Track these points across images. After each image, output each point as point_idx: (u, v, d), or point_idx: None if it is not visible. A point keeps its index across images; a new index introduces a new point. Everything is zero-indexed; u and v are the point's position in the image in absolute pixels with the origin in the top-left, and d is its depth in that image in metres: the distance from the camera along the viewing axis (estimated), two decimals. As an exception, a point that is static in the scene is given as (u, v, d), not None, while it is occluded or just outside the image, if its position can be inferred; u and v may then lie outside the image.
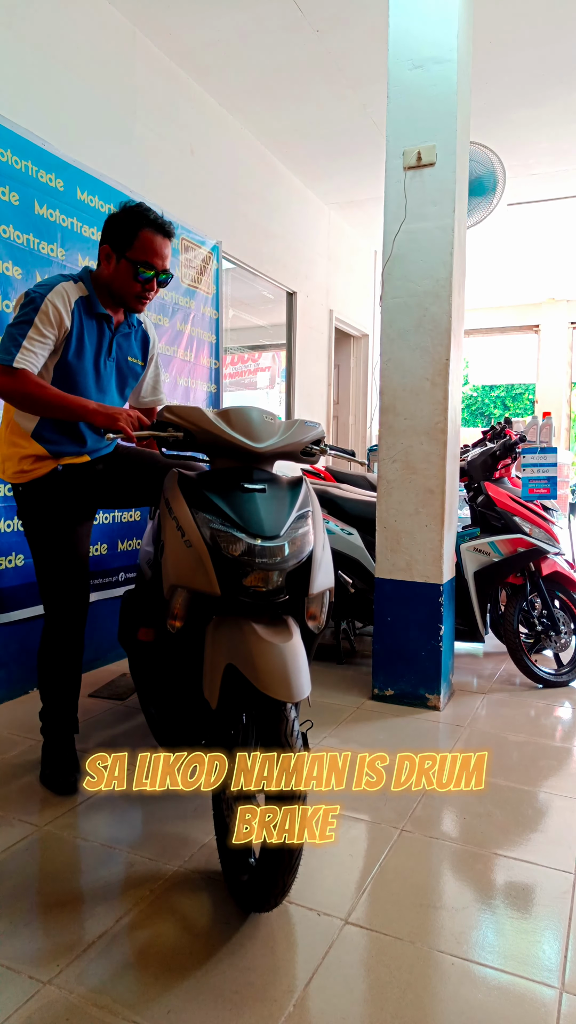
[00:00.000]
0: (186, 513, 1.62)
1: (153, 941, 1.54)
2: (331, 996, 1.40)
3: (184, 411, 1.69)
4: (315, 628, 1.70)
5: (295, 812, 1.43)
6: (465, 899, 1.72)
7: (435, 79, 2.88)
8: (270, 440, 1.68)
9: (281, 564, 1.56)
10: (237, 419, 1.68)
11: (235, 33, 3.73)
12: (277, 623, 1.58)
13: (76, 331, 2.03)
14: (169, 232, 2.06)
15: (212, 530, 1.57)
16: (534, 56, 3.89)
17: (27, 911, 1.63)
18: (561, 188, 5.66)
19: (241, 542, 1.54)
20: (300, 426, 1.76)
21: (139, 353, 2.27)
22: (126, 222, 2.03)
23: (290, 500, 1.68)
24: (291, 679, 1.46)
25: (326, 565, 1.70)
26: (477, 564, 3.41)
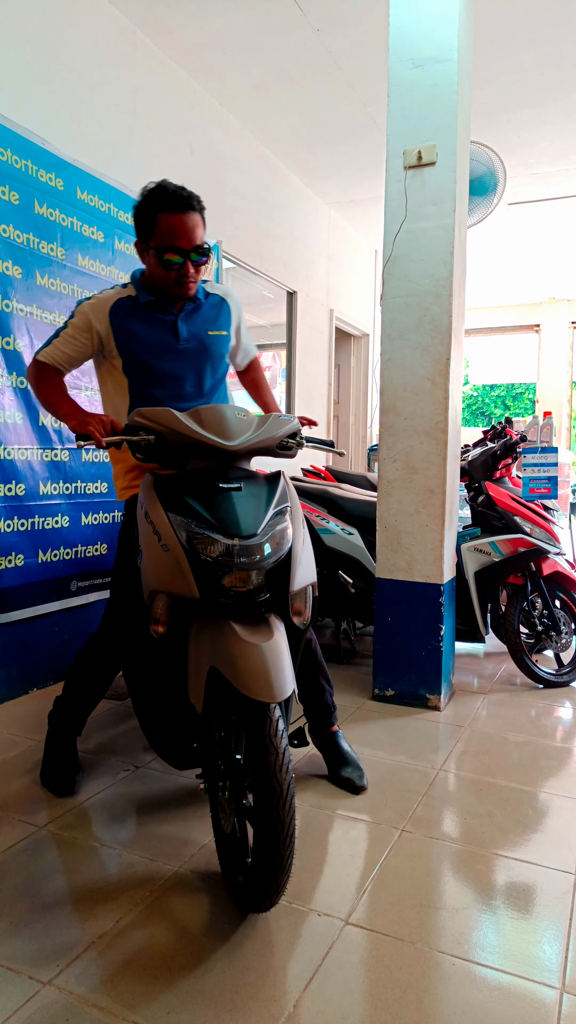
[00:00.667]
0: (162, 517, 1.60)
1: (153, 941, 1.54)
2: (331, 996, 1.40)
3: (154, 413, 1.66)
4: (301, 624, 1.68)
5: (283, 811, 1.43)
6: (465, 899, 1.72)
7: (435, 79, 2.88)
8: (243, 437, 1.66)
9: (260, 563, 1.54)
10: (209, 418, 1.66)
11: (235, 33, 3.73)
12: (259, 622, 1.56)
13: (120, 330, 2.02)
14: (188, 205, 1.89)
15: (188, 532, 1.55)
16: (534, 56, 3.89)
17: (27, 911, 1.63)
18: (561, 188, 5.66)
19: (218, 543, 1.53)
20: (274, 420, 1.73)
21: (223, 323, 2.16)
22: (144, 211, 1.93)
23: (267, 497, 1.66)
24: (272, 679, 1.45)
25: (307, 560, 1.68)
26: (478, 564, 3.41)
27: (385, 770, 2.39)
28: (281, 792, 1.42)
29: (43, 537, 3.16)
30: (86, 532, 3.40)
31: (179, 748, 1.87)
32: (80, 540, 3.36)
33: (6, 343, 2.95)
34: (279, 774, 1.43)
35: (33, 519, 3.10)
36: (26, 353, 3.04)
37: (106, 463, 3.52)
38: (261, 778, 1.42)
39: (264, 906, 1.53)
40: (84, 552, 3.38)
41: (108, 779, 2.28)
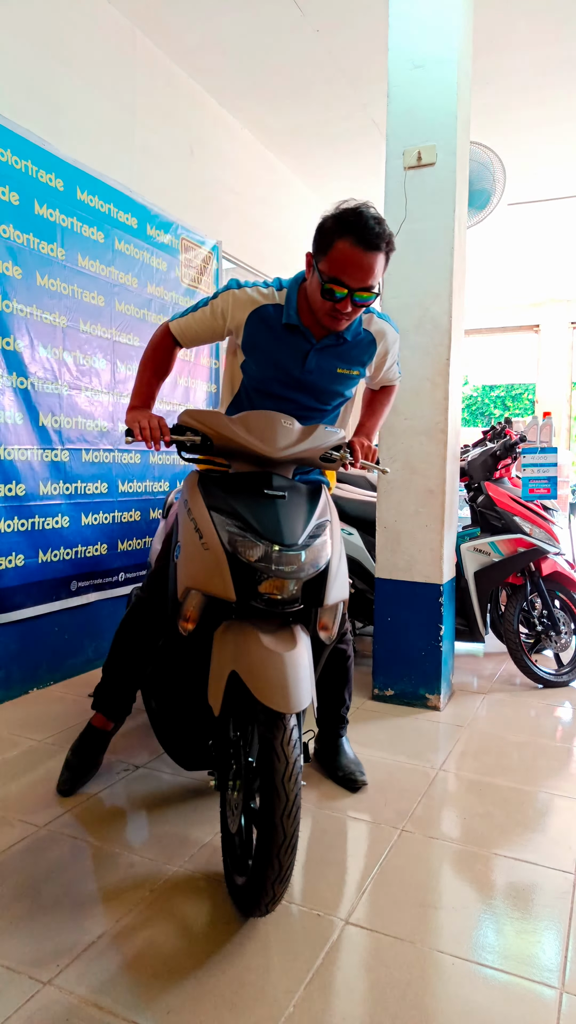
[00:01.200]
0: (205, 515, 1.61)
1: (153, 941, 1.54)
2: (331, 996, 1.40)
3: (202, 415, 1.69)
4: (326, 639, 1.68)
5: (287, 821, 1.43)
6: (465, 899, 1.72)
7: (435, 79, 2.88)
8: (288, 445, 1.67)
9: (297, 573, 1.55)
10: (256, 424, 1.67)
11: (235, 33, 3.73)
12: (284, 631, 1.57)
13: (253, 337, 1.90)
14: (376, 244, 1.68)
15: (230, 533, 1.56)
16: (534, 56, 3.89)
17: (27, 911, 1.63)
18: (561, 188, 5.66)
19: (258, 547, 1.53)
20: (320, 432, 1.73)
21: (356, 363, 1.98)
22: (328, 229, 1.73)
23: (309, 509, 1.67)
24: (290, 690, 1.44)
25: (342, 577, 1.69)
26: (477, 564, 3.41)
27: (385, 770, 2.39)
28: (287, 801, 1.42)
29: (43, 537, 3.16)
30: (86, 532, 3.40)
31: (190, 747, 1.88)
32: (80, 540, 3.36)
33: (6, 343, 2.95)
34: (287, 783, 1.42)
35: (33, 519, 3.10)
36: (26, 354, 3.04)
37: (106, 463, 3.52)
38: (268, 786, 1.42)
39: (259, 911, 1.54)
40: (84, 552, 3.38)
41: (108, 779, 2.28)
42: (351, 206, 1.72)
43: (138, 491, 3.75)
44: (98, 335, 3.44)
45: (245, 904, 1.55)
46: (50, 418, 3.18)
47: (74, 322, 3.29)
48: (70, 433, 3.29)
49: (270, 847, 1.42)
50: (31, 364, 3.07)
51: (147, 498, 3.81)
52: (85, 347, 3.36)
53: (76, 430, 3.33)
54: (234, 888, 1.62)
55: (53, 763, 2.39)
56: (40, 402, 3.12)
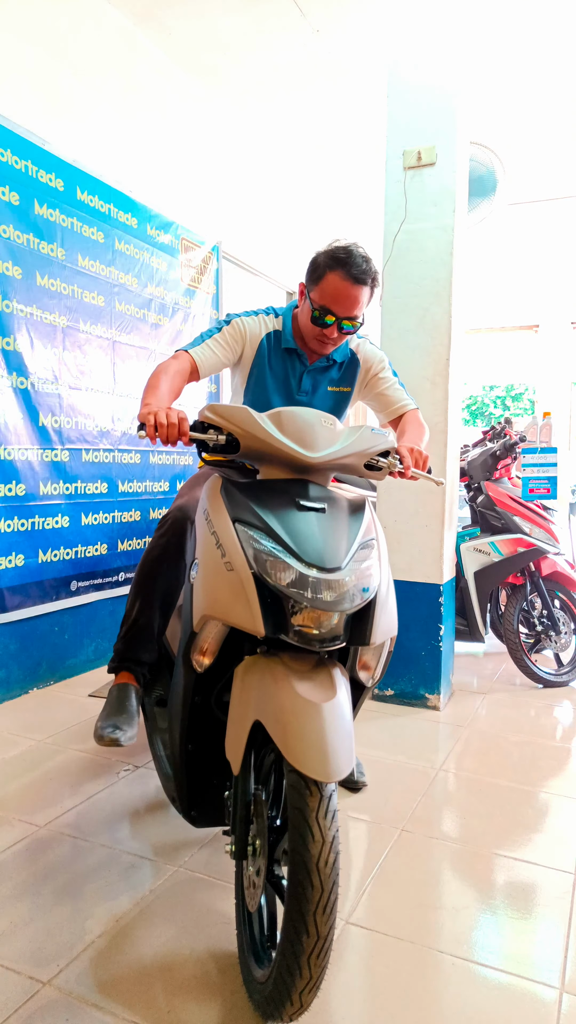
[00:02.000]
0: (229, 528, 1.35)
1: (153, 941, 1.54)
2: (331, 996, 1.40)
3: (227, 411, 1.44)
4: (367, 680, 1.45)
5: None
6: (465, 899, 1.72)
7: (435, 79, 2.88)
8: (329, 449, 1.43)
9: (339, 604, 1.26)
10: (289, 422, 1.44)
11: (235, 33, 3.73)
12: (320, 673, 1.29)
13: (259, 360, 2.01)
14: (363, 280, 1.83)
15: (257, 551, 1.29)
16: (534, 56, 3.88)
17: (27, 911, 1.63)
18: (561, 188, 5.66)
19: (292, 570, 1.26)
20: (365, 433, 1.49)
21: (346, 381, 2.12)
22: (320, 263, 1.87)
23: (352, 525, 1.40)
24: (329, 752, 1.17)
25: (390, 608, 1.42)
26: (477, 564, 3.41)
27: (385, 770, 2.39)
28: (322, 893, 1.13)
29: (43, 537, 3.16)
30: (86, 532, 3.40)
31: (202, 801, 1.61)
32: (80, 540, 3.36)
33: (6, 343, 2.96)
34: (323, 870, 1.14)
35: (33, 519, 3.10)
36: (26, 354, 3.04)
37: (106, 463, 3.52)
38: (300, 871, 1.14)
39: (283, 1020, 1.26)
40: (84, 552, 3.38)
41: (108, 779, 2.28)
42: (343, 244, 1.85)
43: (138, 491, 3.75)
44: (98, 335, 3.44)
45: (264, 1008, 1.27)
46: (50, 418, 3.18)
47: (74, 322, 3.29)
48: (70, 433, 3.29)
49: (298, 951, 1.14)
50: (31, 364, 3.07)
51: (147, 498, 3.81)
52: (85, 347, 3.37)
53: (76, 430, 3.33)
54: (250, 981, 1.33)
55: (53, 763, 2.40)
56: (40, 402, 3.12)
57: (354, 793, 2.22)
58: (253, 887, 1.37)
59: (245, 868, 1.41)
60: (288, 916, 1.16)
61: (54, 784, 2.24)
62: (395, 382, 2.14)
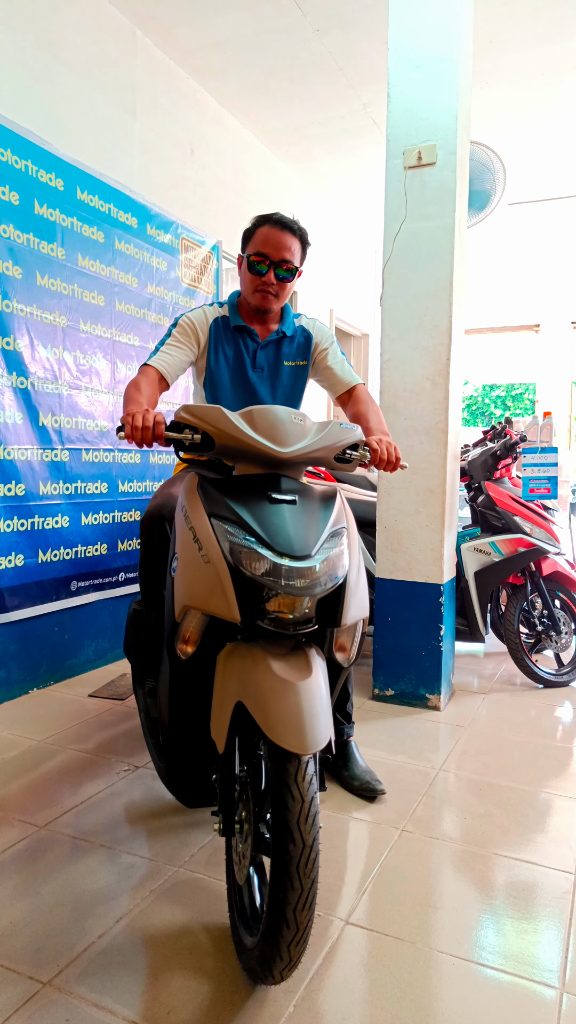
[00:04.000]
0: (205, 523, 1.43)
1: (153, 941, 1.54)
2: (331, 996, 1.40)
3: (201, 411, 1.51)
4: (344, 661, 1.52)
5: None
6: (465, 899, 1.72)
7: (435, 79, 2.88)
8: (298, 444, 1.50)
9: (310, 589, 1.36)
10: (261, 420, 1.50)
11: (235, 33, 3.73)
12: (297, 655, 1.38)
13: (212, 347, 2.13)
14: (288, 226, 2.03)
15: (232, 543, 1.38)
16: (534, 56, 3.89)
17: (27, 911, 1.63)
18: (561, 188, 5.66)
19: (265, 560, 1.35)
20: (334, 428, 1.56)
21: (300, 355, 2.22)
22: (250, 227, 2.08)
23: (323, 515, 1.49)
24: (306, 726, 1.26)
25: (361, 591, 1.51)
26: (477, 564, 3.41)
27: (385, 770, 2.39)
28: (303, 847, 1.22)
29: (43, 537, 3.16)
30: (86, 532, 3.40)
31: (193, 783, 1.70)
32: (80, 540, 3.36)
33: (6, 343, 2.96)
34: (302, 826, 1.23)
35: (33, 519, 3.10)
36: (26, 354, 3.04)
37: (106, 463, 3.52)
38: (282, 829, 1.23)
39: (272, 978, 1.32)
40: (84, 552, 3.38)
41: (108, 779, 2.28)
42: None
43: (138, 491, 3.75)
44: (98, 335, 3.44)
45: (255, 969, 1.34)
46: (50, 418, 3.18)
47: (74, 322, 3.29)
48: (70, 433, 3.29)
49: (284, 903, 1.22)
50: (31, 364, 3.07)
51: (147, 498, 3.81)
52: (85, 347, 3.37)
53: (76, 430, 3.33)
54: (242, 950, 1.41)
55: (53, 763, 2.40)
56: (40, 402, 3.12)
57: (371, 802, 2.18)
58: (241, 861, 1.44)
59: (234, 844, 1.47)
60: (274, 872, 1.24)
61: (54, 784, 2.24)
62: (343, 359, 2.25)
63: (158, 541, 1.97)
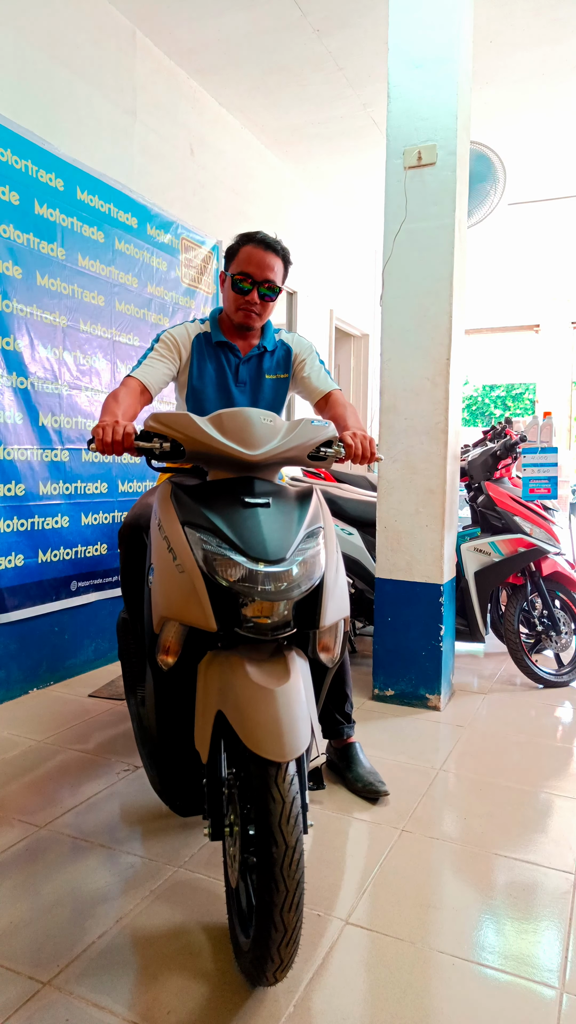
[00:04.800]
0: (178, 532, 1.42)
1: (153, 941, 1.54)
2: (331, 996, 1.40)
3: (169, 418, 1.50)
4: (328, 661, 1.51)
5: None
6: (465, 899, 1.72)
7: (435, 79, 2.88)
8: (268, 445, 1.48)
9: (287, 593, 1.34)
10: (231, 423, 1.49)
11: (235, 33, 3.73)
12: (275, 661, 1.37)
13: (195, 362, 2.17)
14: (271, 246, 2.07)
15: (205, 551, 1.36)
16: (534, 56, 3.88)
17: (27, 911, 1.63)
18: (561, 188, 5.66)
19: (239, 567, 1.33)
20: (305, 426, 1.54)
21: (282, 368, 2.28)
22: (233, 245, 2.12)
23: (298, 516, 1.47)
24: (284, 734, 1.25)
25: (340, 591, 1.50)
26: (477, 564, 3.41)
27: (385, 770, 2.39)
28: (286, 849, 1.22)
29: (43, 537, 3.16)
30: (86, 532, 3.40)
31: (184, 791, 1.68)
32: (80, 540, 3.36)
33: (6, 343, 2.95)
34: (284, 827, 1.22)
35: (33, 519, 3.10)
36: (26, 354, 3.04)
37: (105, 463, 3.52)
38: (263, 832, 1.23)
39: (266, 980, 1.32)
40: (84, 552, 3.38)
41: (108, 779, 2.28)
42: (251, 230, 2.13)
43: (138, 491, 3.74)
44: (98, 335, 3.44)
45: (251, 972, 1.34)
46: (50, 418, 3.18)
47: (74, 322, 3.29)
48: (70, 433, 3.29)
49: (271, 905, 1.22)
50: (31, 364, 3.07)
51: (147, 498, 3.81)
52: (85, 347, 3.37)
53: (76, 430, 3.33)
54: (239, 951, 1.41)
55: (53, 763, 2.40)
56: (40, 402, 3.12)
57: (373, 803, 2.17)
58: (232, 863, 1.44)
59: (226, 848, 1.48)
60: (259, 875, 1.23)
61: (54, 784, 2.24)
62: (320, 368, 2.28)
63: (136, 551, 1.98)
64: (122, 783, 2.26)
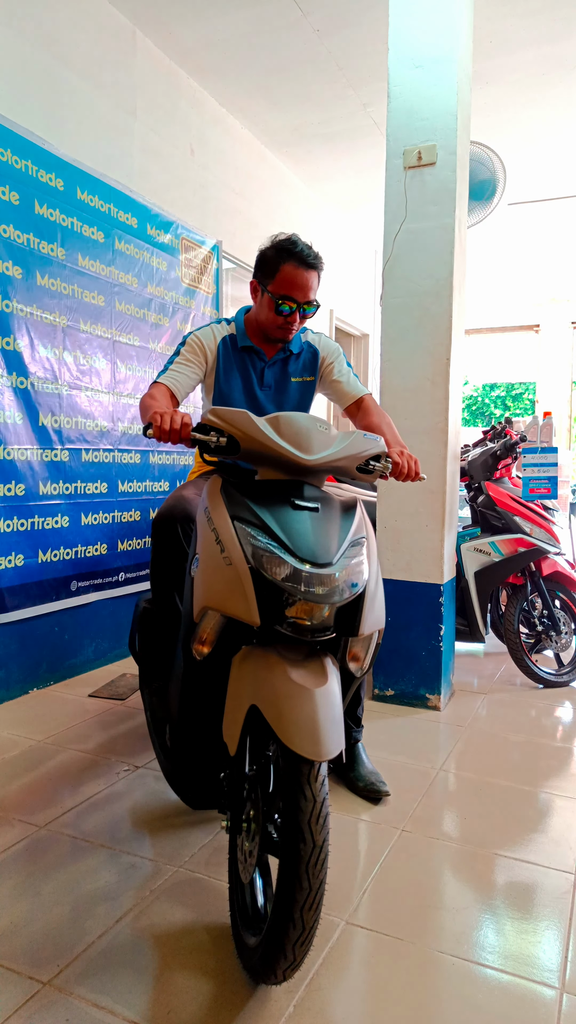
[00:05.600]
0: (228, 525, 1.43)
1: (153, 941, 1.54)
2: (331, 996, 1.40)
3: (229, 414, 1.52)
4: (356, 671, 1.52)
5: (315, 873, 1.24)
6: (465, 899, 1.72)
7: (435, 79, 2.88)
8: (325, 452, 1.50)
9: (329, 596, 1.35)
10: (287, 426, 1.51)
11: (235, 33, 3.73)
12: (313, 662, 1.38)
13: (222, 365, 2.16)
14: (313, 265, 2.03)
15: (255, 547, 1.38)
16: (534, 56, 3.88)
17: (27, 911, 1.63)
18: (561, 188, 5.66)
19: (287, 565, 1.34)
20: (358, 438, 1.57)
21: (308, 371, 2.26)
22: (271, 257, 2.04)
23: (344, 524, 1.49)
24: (321, 733, 1.26)
25: (379, 603, 1.51)
26: (477, 564, 3.41)
27: (385, 770, 2.39)
28: (314, 847, 1.23)
29: (43, 537, 3.16)
30: (86, 532, 3.40)
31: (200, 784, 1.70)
32: (80, 540, 3.36)
33: (6, 343, 2.95)
34: (314, 826, 1.24)
35: (33, 519, 3.10)
36: (26, 354, 3.04)
37: (106, 463, 3.52)
38: (293, 829, 1.24)
39: (275, 977, 1.32)
40: (84, 552, 3.38)
41: (108, 779, 2.28)
42: (286, 236, 2.05)
43: (138, 491, 3.75)
44: (98, 335, 3.44)
45: (257, 968, 1.34)
46: (50, 418, 3.18)
47: (74, 322, 3.29)
48: (70, 433, 3.29)
49: (292, 902, 1.22)
50: (31, 364, 3.07)
51: (147, 498, 3.81)
52: (85, 347, 3.37)
53: (76, 430, 3.33)
54: (243, 949, 1.41)
55: (53, 763, 2.40)
56: (40, 402, 3.12)
57: (375, 803, 2.17)
58: (246, 860, 1.45)
59: (240, 843, 1.47)
60: (283, 871, 1.24)
61: (54, 784, 2.24)
62: (349, 371, 2.27)
63: (169, 542, 1.99)
64: (122, 783, 2.26)
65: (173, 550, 1.98)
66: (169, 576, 2.01)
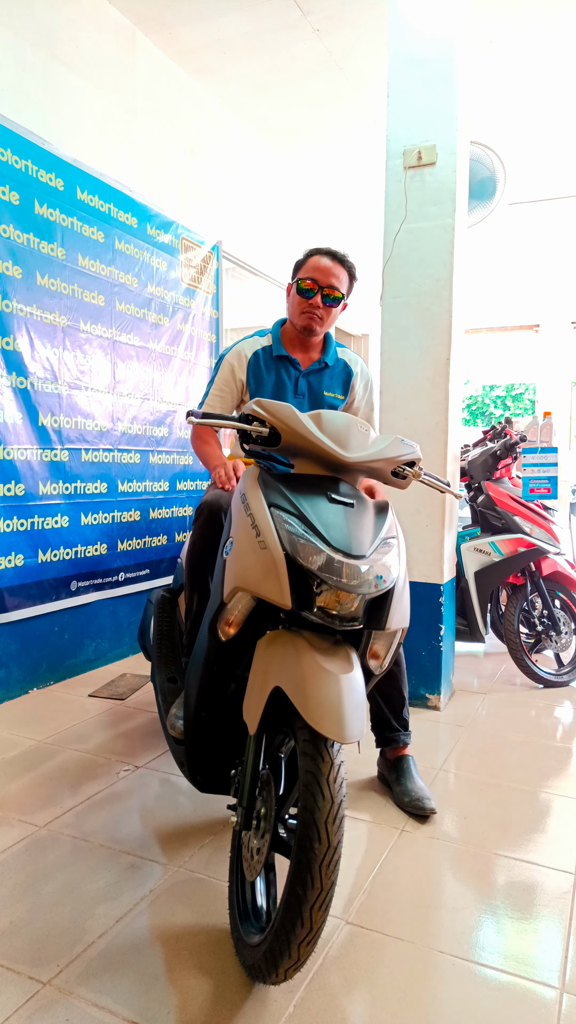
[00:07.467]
0: (264, 512, 1.46)
1: (153, 941, 1.54)
2: (331, 996, 1.39)
3: (273, 406, 1.55)
4: (375, 668, 1.56)
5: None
6: (465, 899, 1.72)
7: (435, 79, 2.88)
8: (365, 451, 1.55)
9: (360, 587, 1.38)
10: (329, 424, 1.55)
11: (235, 33, 3.73)
12: (339, 651, 1.40)
13: (253, 379, 2.25)
14: (340, 259, 2.18)
15: (291, 534, 1.40)
16: (534, 56, 3.88)
17: (27, 911, 1.63)
18: (561, 188, 5.66)
19: (322, 554, 1.36)
20: (395, 443, 1.61)
21: (339, 388, 2.33)
22: (302, 258, 2.22)
23: (377, 522, 1.53)
24: (345, 716, 1.27)
25: (405, 602, 1.55)
26: (478, 564, 3.41)
27: (385, 770, 2.39)
28: (328, 847, 1.24)
29: (43, 537, 3.16)
30: (86, 532, 3.40)
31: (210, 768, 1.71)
32: (80, 540, 3.36)
33: (6, 343, 2.95)
34: (329, 826, 1.24)
35: (33, 519, 3.10)
36: (26, 354, 3.04)
37: (106, 463, 3.52)
38: (308, 828, 1.24)
39: (276, 977, 1.31)
40: (84, 552, 3.38)
41: (108, 779, 2.28)
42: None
43: (138, 491, 3.75)
44: (98, 335, 3.44)
45: (259, 966, 1.33)
46: (50, 418, 3.18)
47: (74, 322, 3.29)
48: (70, 433, 3.29)
49: (302, 901, 1.22)
50: (31, 364, 3.07)
51: (147, 498, 3.81)
52: (85, 347, 3.37)
53: (76, 430, 3.33)
54: (243, 948, 1.41)
55: (53, 763, 2.40)
56: (40, 402, 3.12)
57: (422, 822, 2.08)
58: (253, 858, 1.45)
59: (248, 840, 1.49)
60: (295, 869, 1.24)
61: (54, 784, 2.24)
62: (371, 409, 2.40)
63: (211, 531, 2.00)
64: (122, 783, 2.26)
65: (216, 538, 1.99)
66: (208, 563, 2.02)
